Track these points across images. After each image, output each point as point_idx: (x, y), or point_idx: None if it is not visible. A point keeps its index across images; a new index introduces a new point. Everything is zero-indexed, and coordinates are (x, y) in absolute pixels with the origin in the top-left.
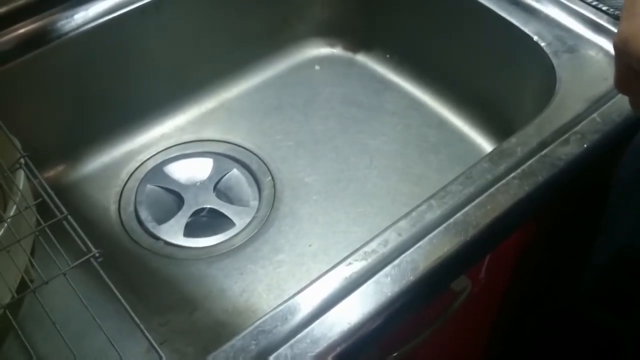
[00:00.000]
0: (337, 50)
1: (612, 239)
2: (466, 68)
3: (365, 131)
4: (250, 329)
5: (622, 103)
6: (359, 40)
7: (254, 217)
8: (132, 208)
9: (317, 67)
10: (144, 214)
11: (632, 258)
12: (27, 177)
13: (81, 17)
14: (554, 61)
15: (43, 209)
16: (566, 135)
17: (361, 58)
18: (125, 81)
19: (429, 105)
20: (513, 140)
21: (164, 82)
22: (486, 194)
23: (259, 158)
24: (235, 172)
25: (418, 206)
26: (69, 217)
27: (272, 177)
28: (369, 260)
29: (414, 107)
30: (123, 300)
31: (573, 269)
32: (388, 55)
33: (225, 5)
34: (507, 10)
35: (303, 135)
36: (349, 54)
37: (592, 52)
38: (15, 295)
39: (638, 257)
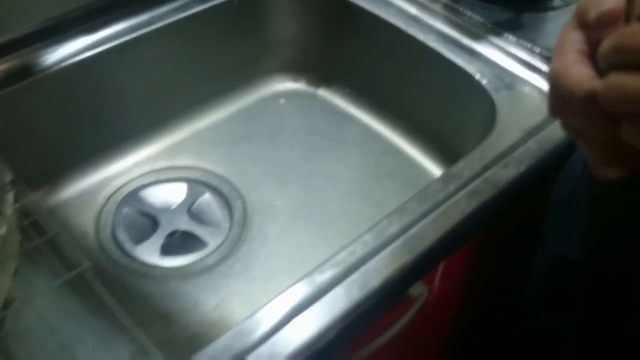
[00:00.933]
0: (300, 85)
1: (551, 251)
2: (418, 102)
3: (328, 159)
4: (233, 330)
5: (553, 132)
6: (321, 77)
7: (226, 238)
8: (109, 230)
9: (282, 101)
10: (121, 236)
11: (569, 265)
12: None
13: (60, 54)
14: (494, 97)
15: (25, 228)
16: (505, 160)
17: (323, 92)
18: (102, 113)
19: (385, 136)
20: (460, 164)
21: (139, 113)
22: (438, 210)
23: (230, 183)
24: (208, 196)
25: (380, 221)
26: (60, 233)
27: (243, 201)
28: (338, 269)
29: (371, 137)
30: (115, 308)
31: (519, 279)
32: (347, 90)
33: (198, 44)
34: (453, 52)
35: (270, 163)
36: (311, 89)
37: (527, 89)
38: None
39: (574, 264)
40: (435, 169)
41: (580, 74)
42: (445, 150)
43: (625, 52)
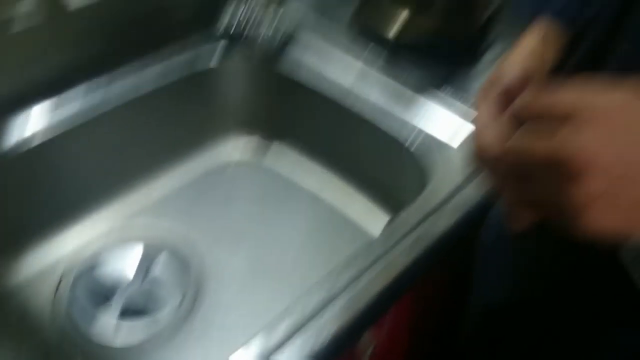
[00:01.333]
0: (251, 148)
1: (479, 298)
2: (361, 165)
3: (279, 221)
4: None
5: (477, 189)
6: (269, 142)
7: (181, 304)
8: (64, 311)
9: (234, 165)
10: (76, 316)
11: (496, 310)
12: None
13: (17, 136)
14: (424, 160)
15: None
16: (438, 213)
17: (269, 160)
18: (55, 191)
19: (331, 198)
20: (398, 220)
21: (93, 189)
22: (382, 261)
23: (185, 249)
24: (163, 261)
25: (327, 275)
26: None
27: (197, 265)
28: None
29: (319, 199)
30: None
31: (460, 325)
32: (293, 157)
33: (149, 116)
34: (383, 121)
35: (224, 226)
36: (259, 155)
37: (453, 152)
38: None
39: (500, 308)
40: (377, 225)
41: (493, 136)
42: (386, 207)
43: (524, 117)
